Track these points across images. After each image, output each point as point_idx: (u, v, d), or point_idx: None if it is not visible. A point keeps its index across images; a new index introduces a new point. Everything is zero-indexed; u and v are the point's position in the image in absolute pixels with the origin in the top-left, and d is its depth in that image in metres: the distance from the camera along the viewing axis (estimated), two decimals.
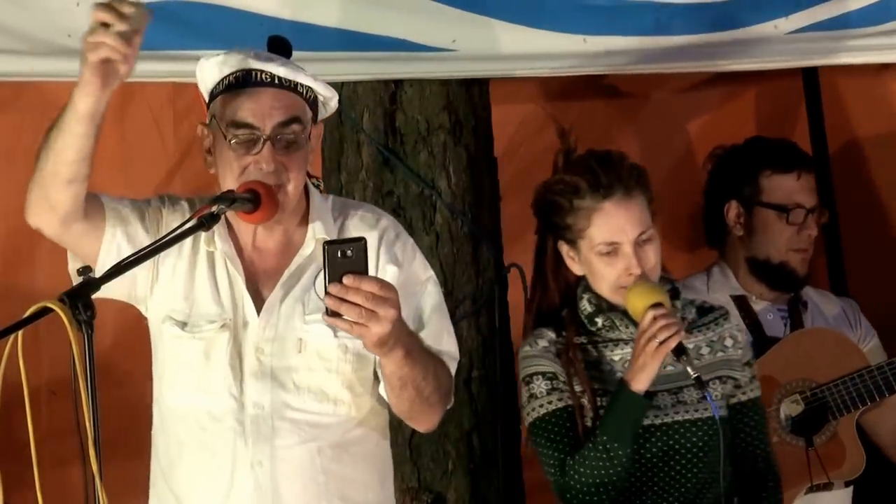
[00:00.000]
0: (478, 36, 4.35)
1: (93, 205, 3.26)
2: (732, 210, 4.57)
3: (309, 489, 3.28)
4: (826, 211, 4.64)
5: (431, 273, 3.41)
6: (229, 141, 3.25)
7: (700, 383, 3.46)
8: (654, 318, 3.47)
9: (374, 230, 3.35)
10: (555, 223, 3.66)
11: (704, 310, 3.75)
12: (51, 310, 2.79)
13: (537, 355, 3.66)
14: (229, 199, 3.17)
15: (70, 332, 2.77)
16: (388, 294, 2.98)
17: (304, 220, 3.35)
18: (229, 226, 3.35)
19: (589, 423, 3.59)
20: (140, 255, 3.07)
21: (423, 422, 3.36)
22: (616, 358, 3.64)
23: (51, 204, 3.19)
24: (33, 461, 2.85)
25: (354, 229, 3.34)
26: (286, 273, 3.31)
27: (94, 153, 3.14)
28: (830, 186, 4.80)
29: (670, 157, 5.03)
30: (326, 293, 2.95)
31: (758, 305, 4.56)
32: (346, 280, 2.94)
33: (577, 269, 3.67)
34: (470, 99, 4.57)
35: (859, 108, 5.13)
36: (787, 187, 4.55)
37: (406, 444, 4.39)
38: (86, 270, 2.91)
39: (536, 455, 3.68)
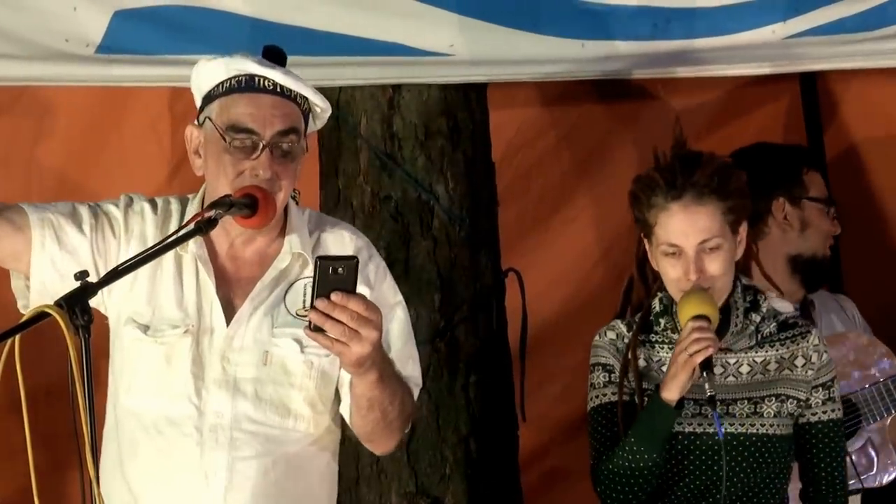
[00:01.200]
0: (476, 41, 4.35)
1: (17, 217, 3.25)
2: (780, 207, 4.52)
3: (258, 502, 3.24)
4: None
5: (401, 298, 3.38)
6: (228, 143, 3.23)
7: (712, 403, 3.46)
8: (691, 331, 3.47)
9: (349, 249, 3.33)
10: (636, 216, 3.65)
11: (787, 325, 3.70)
12: (48, 314, 2.78)
13: (602, 346, 3.68)
14: (227, 204, 3.15)
15: (67, 337, 2.77)
16: (372, 316, 2.97)
17: (282, 233, 3.33)
18: None
19: None
20: (138, 260, 3.03)
21: (382, 444, 3.34)
22: None
23: None
24: (30, 465, 2.85)
25: (330, 246, 3.33)
26: (259, 284, 3.28)
27: None
28: (828, 189, 4.80)
29: None
30: (312, 307, 2.94)
31: None
32: (334, 297, 2.93)
33: (654, 264, 3.65)
34: (468, 104, 4.56)
35: (856, 113, 5.14)
36: (821, 183, 4.57)
37: (404, 449, 4.38)
38: (83, 275, 2.89)
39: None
